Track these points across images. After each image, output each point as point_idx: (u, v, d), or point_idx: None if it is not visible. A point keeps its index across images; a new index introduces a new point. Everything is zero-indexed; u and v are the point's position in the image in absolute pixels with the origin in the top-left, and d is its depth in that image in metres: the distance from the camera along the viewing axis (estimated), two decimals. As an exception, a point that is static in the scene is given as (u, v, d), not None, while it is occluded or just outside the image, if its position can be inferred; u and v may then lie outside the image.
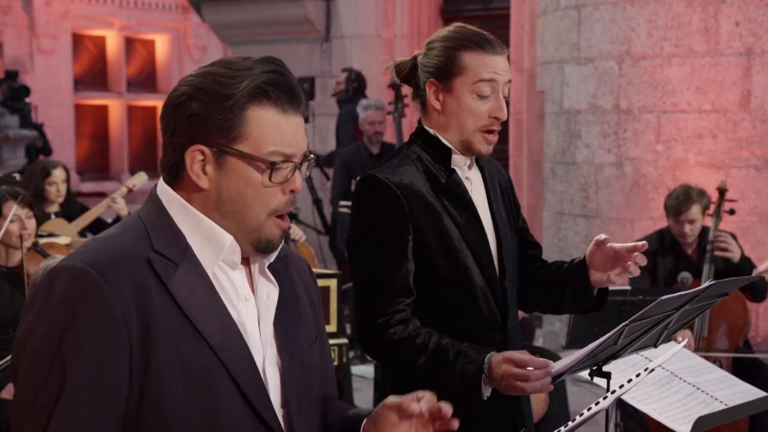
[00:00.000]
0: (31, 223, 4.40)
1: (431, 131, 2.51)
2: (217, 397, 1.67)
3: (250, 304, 1.76)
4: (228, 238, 1.71)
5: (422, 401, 1.70)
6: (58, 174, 5.96)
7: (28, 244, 4.34)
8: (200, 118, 1.68)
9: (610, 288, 2.54)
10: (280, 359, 1.78)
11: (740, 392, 3.12)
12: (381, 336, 2.39)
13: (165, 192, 1.75)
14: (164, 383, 1.63)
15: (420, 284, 2.44)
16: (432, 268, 2.45)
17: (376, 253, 2.43)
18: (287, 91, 1.71)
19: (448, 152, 2.49)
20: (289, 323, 1.82)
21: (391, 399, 1.74)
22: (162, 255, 1.68)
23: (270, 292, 1.79)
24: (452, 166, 2.51)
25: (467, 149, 2.49)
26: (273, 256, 1.79)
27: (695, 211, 4.97)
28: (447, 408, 1.70)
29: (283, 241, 1.79)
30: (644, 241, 2.43)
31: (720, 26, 6.11)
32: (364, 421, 1.80)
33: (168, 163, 1.73)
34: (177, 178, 1.74)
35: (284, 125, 1.70)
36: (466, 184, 2.53)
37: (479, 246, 2.49)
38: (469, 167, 2.55)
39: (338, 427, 1.89)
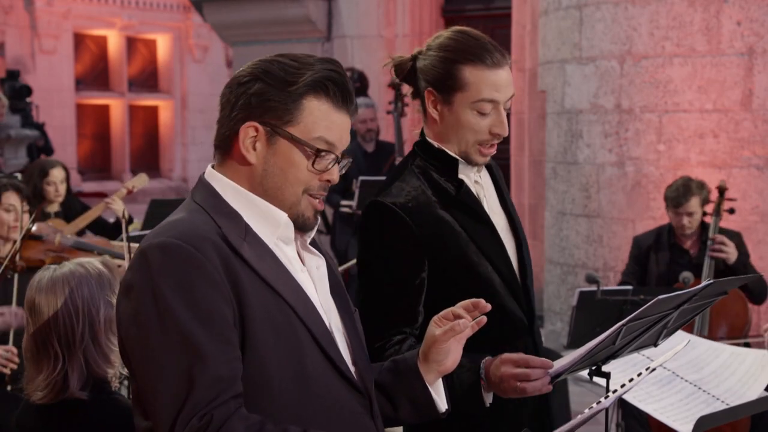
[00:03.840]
0: (24, 218, 4.39)
1: (435, 144, 2.45)
2: (302, 350, 1.82)
3: (306, 275, 1.91)
4: (283, 216, 1.87)
5: (463, 314, 1.98)
6: (56, 173, 5.94)
7: (14, 235, 4.30)
8: (261, 97, 1.83)
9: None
10: (342, 325, 1.95)
11: (741, 384, 3.11)
12: (378, 360, 2.36)
13: (215, 177, 1.89)
14: (259, 337, 1.78)
15: (442, 302, 2.38)
16: (452, 284, 2.39)
17: (382, 282, 2.39)
18: (343, 90, 1.86)
19: (454, 162, 2.44)
20: (339, 292, 1.98)
21: (438, 330, 1.97)
22: (229, 230, 1.82)
23: (318, 263, 1.95)
24: (460, 176, 2.45)
25: (465, 160, 2.44)
26: (312, 233, 1.94)
27: (694, 203, 5.01)
28: (481, 301, 1.99)
29: (318, 222, 1.93)
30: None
31: (722, 26, 6.11)
32: (418, 361, 2.02)
33: (222, 136, 1.88)
34: (227, 151, 1.88)
35: (334, 118, 1.86)
36: (477, 189, 2.49)
37: (496, 255, 2.44)
38: (478, 170, 2.50)
39: (389, 377, 2.06)
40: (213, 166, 1.92)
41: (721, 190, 5.06)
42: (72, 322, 2.38)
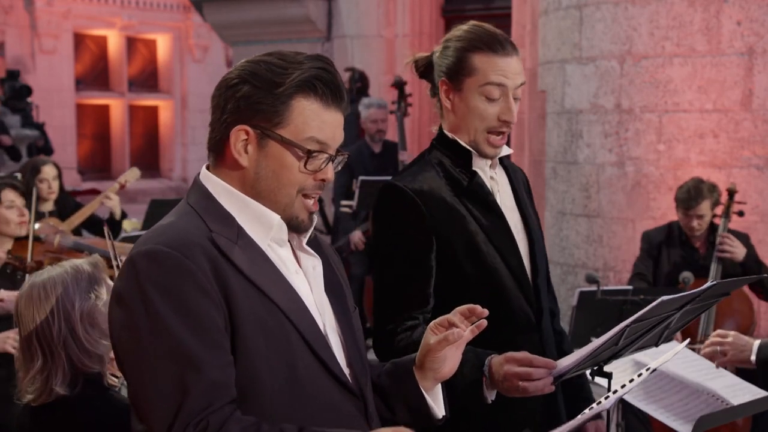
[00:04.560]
0: (25, 212, 4.45)
1: (450, 135, 2.50)
2: (294, 355, 1.81)
3: (300, 276, 1.90)
4: (275, 218, 1.85)
5: (458, 322, 1.95)
6: (48, 170, 5.95)
7: (24, 232, 4.37)
8: (249, 100, 1.81)
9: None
10: (338, 326, 1.93)
11: (742, 390, 3.11)
12: (389, 343, 2.38)
13: (210, 179, 1.88)
14: (249, 342, 1.76)
15: (449, 289, 2.41)
16: (459, 272, 2.43)
17: (394, 264, 2.42)
18: (332, 87, 1.83)
19: (468, 154, 2.48)
20: (336, 291, 1.96)
21: (432, 339, 1.95)
22: (220, 234, 1.80)
23: (314, 264, 1.93)
24: (473, 168, 2.49)
25: (476, 150, 2.49)
26: (308, 234, 1.92)
27: (704, 206, 4.99)
28: (477, 307, 1.97)
29: (313, 224, 1.91)
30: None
31: (722, 26, 6.11)
32: (414, 367, 2.00)
33: (214, 140, 1.87)
34: (220, 155, 1.87)
35: (325, 117, 1.83)
36: (491, 184, 2.53)
37: (506, 248, 2.47)
38: (492, 167, 2.54)
39: (388, 381, 2.05)
40: (208, 168, 1.91)
41: (731, 193, 5.06)
42: (48, 320, 2.42)
